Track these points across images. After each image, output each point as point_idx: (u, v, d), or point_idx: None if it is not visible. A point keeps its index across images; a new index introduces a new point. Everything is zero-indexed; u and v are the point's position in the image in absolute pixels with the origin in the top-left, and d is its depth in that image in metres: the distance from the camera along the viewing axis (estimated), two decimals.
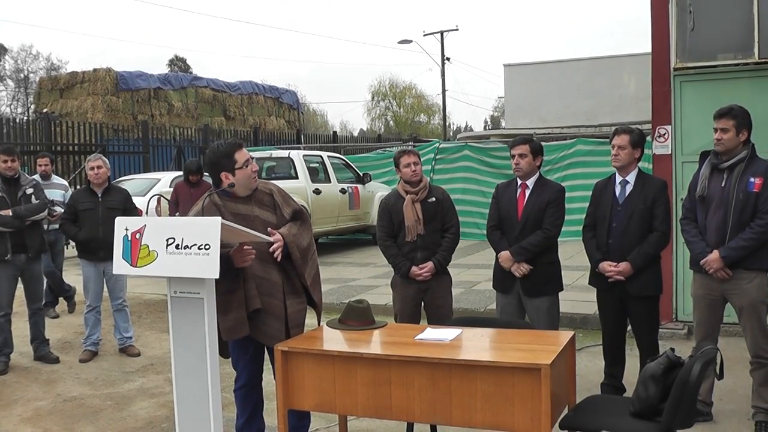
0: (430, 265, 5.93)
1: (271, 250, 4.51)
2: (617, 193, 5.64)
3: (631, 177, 5.61)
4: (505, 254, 5.83)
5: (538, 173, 5.90)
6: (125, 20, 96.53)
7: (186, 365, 4.17)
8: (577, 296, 9.15)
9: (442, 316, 5.94)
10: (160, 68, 53.30)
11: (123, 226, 4.12)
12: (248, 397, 4.94)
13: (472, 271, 11.95)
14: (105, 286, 7.92)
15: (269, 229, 4.60)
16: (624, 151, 5.56)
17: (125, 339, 8.03)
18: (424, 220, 5.97)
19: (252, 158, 4.71)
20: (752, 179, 5.16)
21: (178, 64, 61.11)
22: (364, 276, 12.01)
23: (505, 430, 3.90)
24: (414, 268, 5.95)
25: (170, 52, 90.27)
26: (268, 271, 4.63)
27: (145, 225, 4.08)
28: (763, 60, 7.64)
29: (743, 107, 5.28)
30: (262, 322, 4.62)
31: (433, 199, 6.04)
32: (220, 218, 3.99)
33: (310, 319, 5.00)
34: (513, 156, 5.83)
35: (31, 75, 57.66)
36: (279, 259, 4.55)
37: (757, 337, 5.24)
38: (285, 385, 4.28)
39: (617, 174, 5.68)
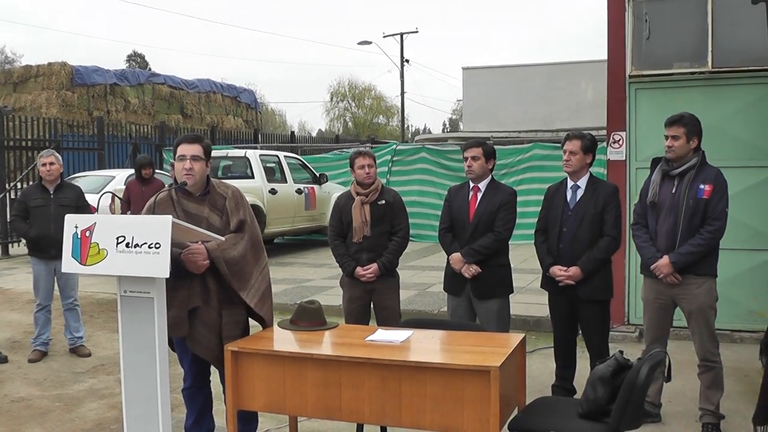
0: (374, 267, 5.96)
1: (182, 257, 4.35)
2: (568, 198, 5.68)
3: (583, 182, 5.66)
4: (456, 256, 5.85)
5: (490, 176, 5.92)
6: (83, 14, 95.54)
7: (135, 365, 4.14)
8: (530, 299, 9.22)
9: (389, 318, 5.99)
10: (118, 64, 52.73)
11: (73, 223, 4.07)
12: (196, 397, 4.90)
13: (427, 273, 11.97)
14: (56, 284, 7.81)
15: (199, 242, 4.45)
16: (575, 156, 5.60)
17: (76, 339, 7.92)
18: (372, 222, 6.00)
19: (195, 157, 4.55)
20: (702, 186, 5.23)
21: (136, 60, 60.56)
22: (319, 277, 11.98)
23: None
24: (358, 269, 5.99)
25: (128, 48, 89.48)
26: (204, 277, 4.52)
27: (95, 222, 4.04)
28: (716, 69, 7.78)
29: (694, 115, 5.35)
30: (191, 327, 4.55)
31: (383, 201, 6.07)
32: (170, 217, 3.95)
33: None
34: (466, 158, 5.86)
35: None
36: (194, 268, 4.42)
37: (705, 340, 5.32)
38: (234, 386, 4.26)
39: (569, 179, 5.73)
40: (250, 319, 4.78)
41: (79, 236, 4.03)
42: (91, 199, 10.14)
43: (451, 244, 5.94)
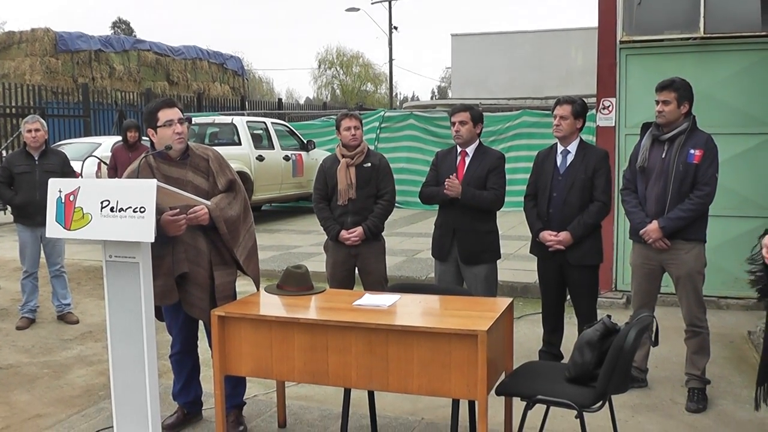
0: (359, 230, 5.91)
1: (188, 216, 4.36)
2: (558, 163, 5.66)
3: (573, 147, 5.64)
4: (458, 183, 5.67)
5: (478, 141, 5.88)
6: None
7: (122, 331, 4.10)
8: (519, 265, 9.24)
9: (374, 283, 5.96)
10: (102, 31, 52.12)
11: (57, 188, 4.01)
12: (183, 362, 4.90)
13: (415, 239, 11.96)
14: (42, 251, 7.76)
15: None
16: (566, 121, 5.57)
17: (63, 306, 7.89)
18: (357, 184, 5.94)
19: (181, 120, 4.56)
20: (692, 151, 5.20)
21: (121, 26, 59.87)
22: (306, 243, 11.96)
23: (442, 396, 3.93)
24: (343, 232, 5.94)
25: (113, 14, 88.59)
26: (195, 238, 4.52)
27: (79, 187, 3.98)
28: (708, 35, 7.74)
29: (685, 80, 5.30)
30: (184, 290, 4.55)
31: (369, 164, 6.00)
32: (155, 181, 3.90)
33: (248, 287, 4.96)
34: (453, 123, 5.80)
35: None
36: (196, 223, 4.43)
37: (693, 306, 5.33)
38: (221, 351, 4.24)
39: (559, 144, 5.70)
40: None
41: (63, 201, 3.98)
42: (77, 166, 10.05)
43: (435, 189, 5.84)
